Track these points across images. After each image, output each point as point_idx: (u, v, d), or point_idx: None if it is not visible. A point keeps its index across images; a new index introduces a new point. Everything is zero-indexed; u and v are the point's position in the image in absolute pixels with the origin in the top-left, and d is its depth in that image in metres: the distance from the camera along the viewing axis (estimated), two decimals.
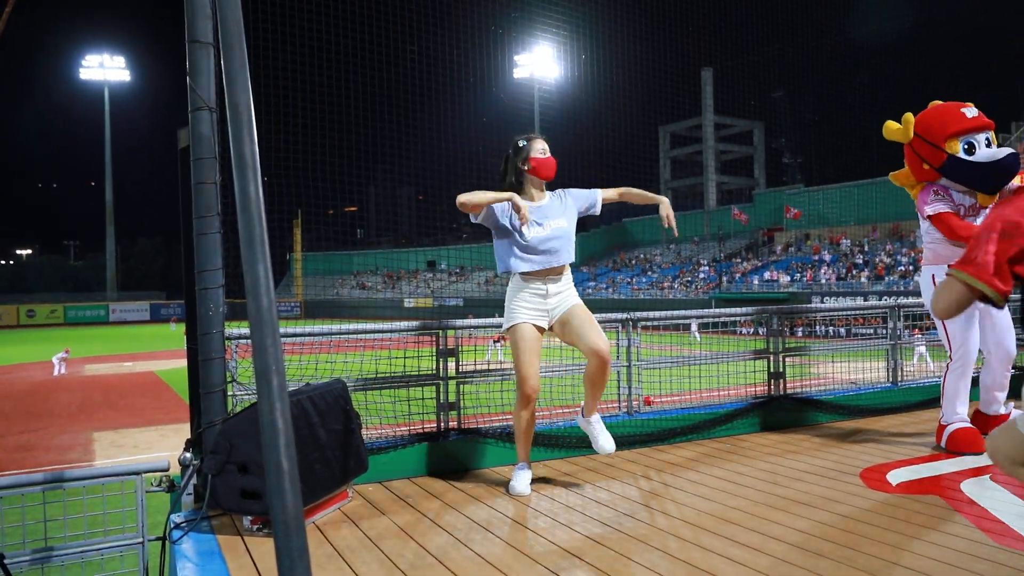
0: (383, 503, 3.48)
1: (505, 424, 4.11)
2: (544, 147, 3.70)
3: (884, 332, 5.80)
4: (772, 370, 5.05)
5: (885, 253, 38.19)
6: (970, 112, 4.05)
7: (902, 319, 5.73)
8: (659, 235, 58.24)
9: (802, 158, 61.01)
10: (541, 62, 49.53)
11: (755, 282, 41.48)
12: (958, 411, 4.20)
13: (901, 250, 37.63)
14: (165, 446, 11.46)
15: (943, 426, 4.24)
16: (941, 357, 4.40)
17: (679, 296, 42.76)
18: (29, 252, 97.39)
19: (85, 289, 72.96)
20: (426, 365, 4.16)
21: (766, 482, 3.68)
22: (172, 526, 3.09)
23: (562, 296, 3.68)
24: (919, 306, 5.83)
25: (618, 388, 4.66)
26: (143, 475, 3.19)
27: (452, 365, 4.16)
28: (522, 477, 3.63)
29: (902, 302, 5.81)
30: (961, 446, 4.09)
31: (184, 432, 3.68)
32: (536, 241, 3.61)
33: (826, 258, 40.85)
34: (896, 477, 3.72)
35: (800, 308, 6.55)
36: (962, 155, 3.99)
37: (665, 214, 3.77)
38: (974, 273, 1.89)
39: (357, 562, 2.76)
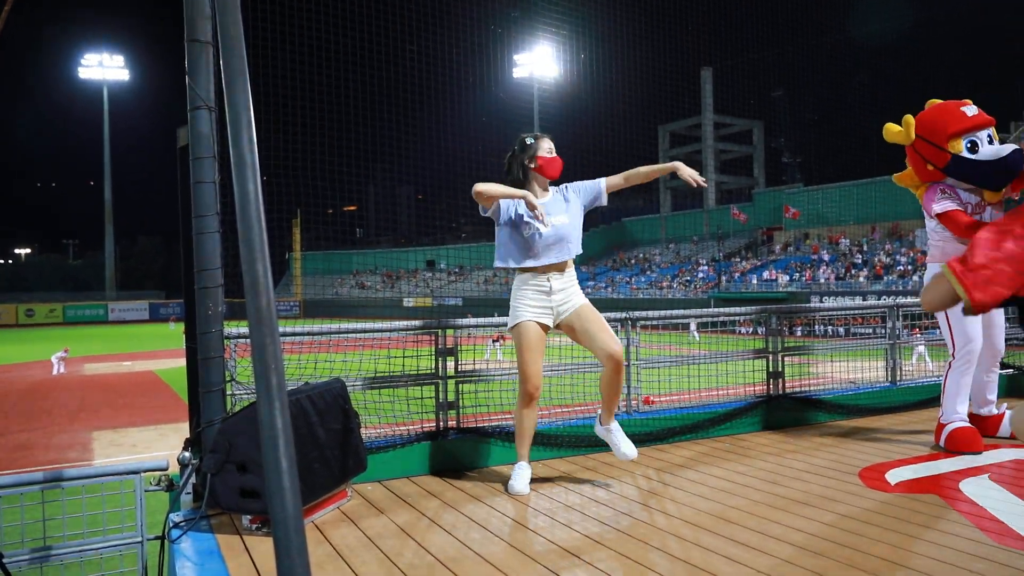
0: (382, 502, 3.48)
1: (504, 423, 4.12)
2: (551, 147, 3.73)
3: (883, 332, 5.80)
4: (771, 369, 5.06)
5: (884, 253, 38.21)
6: (970, 110, 4.05)
7: (901, 319, 5.74)
8: (658, 234, 58.29)
9: (801, 157, 60.99)
10: (541, 61, 49.52)
11: (754, 281, 41.48)
12: (958, 410, 4.20)
13: (900, 250, 37.67)
14: (164, 445, 11.46)
15: (942, 425, 4.24)
16: (940, 357, 4.40)
17: (678, 295, 42.77)
18: (28, 251, 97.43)
19: (84, 288, 72.94)
20: (425, 364, 4.16)
21: (765, 481, 3.68)
22: (171, 525, 3.09)
23: (566, 293, 3.69)
24: (918, 306, 5.84)
25: None
26: (142, 474, 3.19)
27: (451, 364, 4.17)
28: (521, 476, 3.63)
29: (901, 302, 5.81)
30: (960, 445, 4.09)
31: (183, 431, 3.68)
32: (539, 237, 3.63)
33: (825, 258, 40.86)
34: (895, 476, 3.72)
35: (799, 308, 6.55)
36: (966, 154, 3.99)
37: (687, 175, 3.67)
38: (959, 275, 1.90)
39: (356, 561, 2.76)
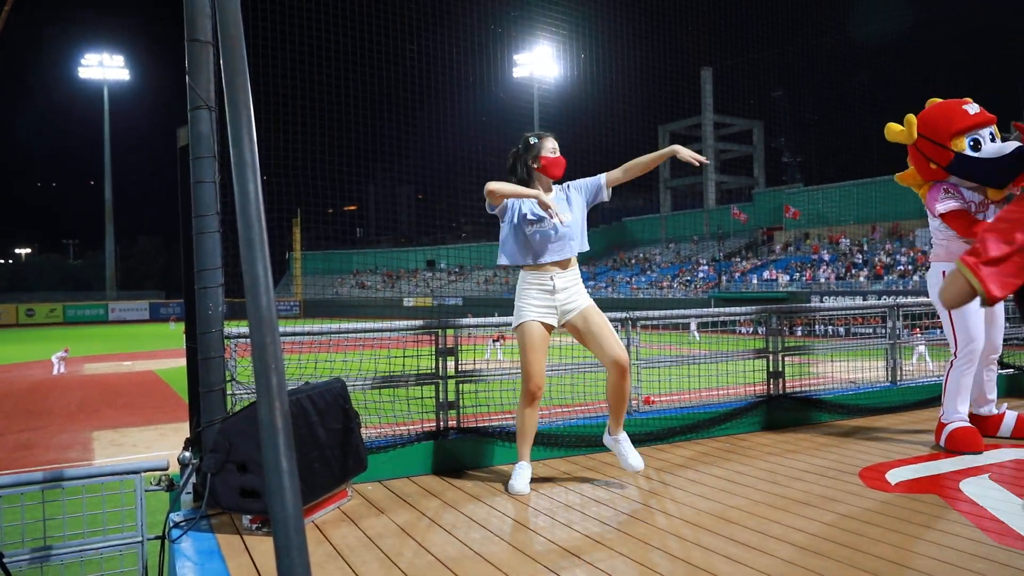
0: (382, 502, 3.48)
1: (504, 423, 4.12)
2: (555, 147, 3.74)
3: (883, 332, 5.80)
4: (771, 369, 5.05)
5: (884, 253, 38.21)
6: (972, 108, 4.05)
7: (901, 318, 5.73)
8: (659, 234, 58.27)
9: (801, 157, 60.98)
10: (541, 61, 49.53)
11: (754, 281, 41.47)
12: (959, 410, 4.20)
13: (900, 250, 37.66)
14: (164, 445, 11.46)
15: (942, 424, 4.24)
16: (940, 356, 4.40)
17: (678, 295, 42.74)
18: (28, 251, 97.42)
19: (84, 288, 72.92)
20: (425, 364, 4.16)
21: (765, 481, 3.68)
22: (171, 525, 3.09)
23: (570, 292, 3.69)
24: (918, 305, 5.84)
25: None
26: (142, 474, 3.19)
27: (451, 364, 4.17)
28: (522, 475, 3.63)
29: (901, 301, 5.81)
30: (960, 445, 4.09)
31: (183, 431, 3.68)
32: (541, 236, 3.65)
33: (825, 257, 40.85)
34: (895, 476, 3.72)
35: (799, 307, 6.55)
36: (968, 152, 3.99)
37: (687, 156, 3.59)
38: (973, 268, 1.88)
39: (356, 561, 2.76)
